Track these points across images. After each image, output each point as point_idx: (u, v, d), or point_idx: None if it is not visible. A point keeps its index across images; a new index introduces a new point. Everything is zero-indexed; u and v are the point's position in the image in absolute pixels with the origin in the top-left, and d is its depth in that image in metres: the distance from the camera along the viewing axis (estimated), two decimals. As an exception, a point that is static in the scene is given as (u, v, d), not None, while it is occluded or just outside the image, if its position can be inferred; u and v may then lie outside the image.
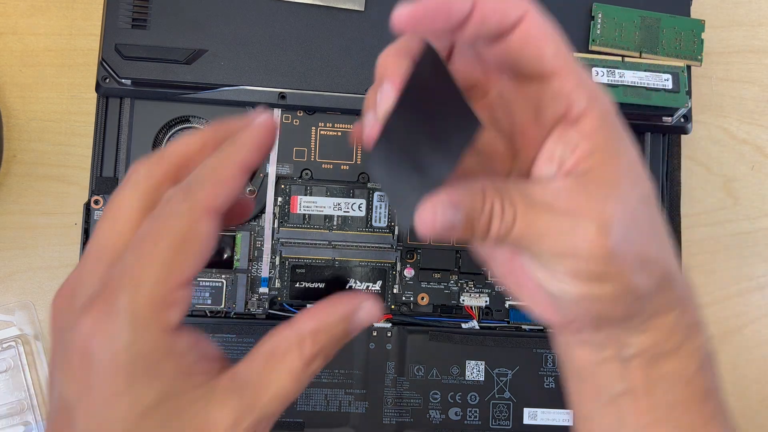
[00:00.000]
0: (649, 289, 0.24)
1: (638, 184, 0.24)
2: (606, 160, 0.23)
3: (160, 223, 0.21)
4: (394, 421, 0.40)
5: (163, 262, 0.21)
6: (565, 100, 0.23)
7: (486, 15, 0.23)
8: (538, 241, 0.23)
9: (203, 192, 0.22)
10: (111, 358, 0.20)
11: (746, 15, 0.48)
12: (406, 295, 0.42)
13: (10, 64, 0.43)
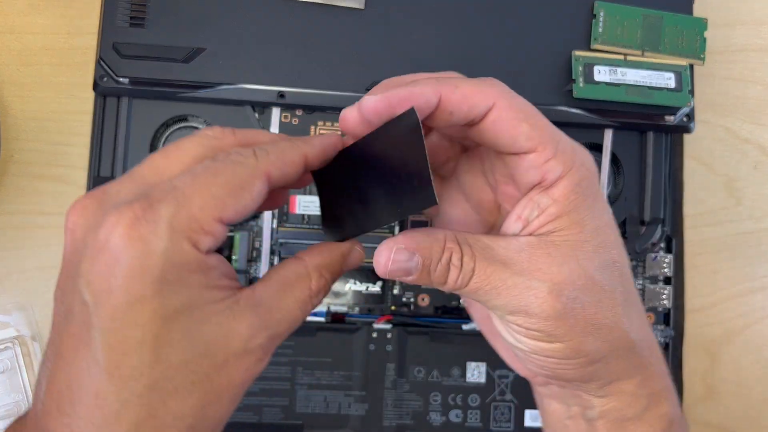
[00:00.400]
0: (601, 354, 0.25)
1: (602, 251, 0.25)
2: (570, 225, 0.24)
3: (224, 164, 0.23)
4: (394, 423, 0.40)
5: (215, 194, 0.22)
6: (540, 171, 0.24)
7: (453, 107, 0.24)
8: (494, 297, 0.24)
9: (268, 159, 0.24)
10: (143, 261, 0.20)
11: (749, 13, 0.47)
12: (406, 296, 0.41)
13: (7, 63, 0.42)
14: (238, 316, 0.23)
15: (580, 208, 0.24)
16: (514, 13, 0.41)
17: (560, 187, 0.24)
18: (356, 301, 0.41)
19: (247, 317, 0.23)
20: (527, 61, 0.41)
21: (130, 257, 0.20)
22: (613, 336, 0.25)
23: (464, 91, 0.24)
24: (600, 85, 0.40)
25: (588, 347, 0.25)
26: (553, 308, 0.24)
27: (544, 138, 0.24)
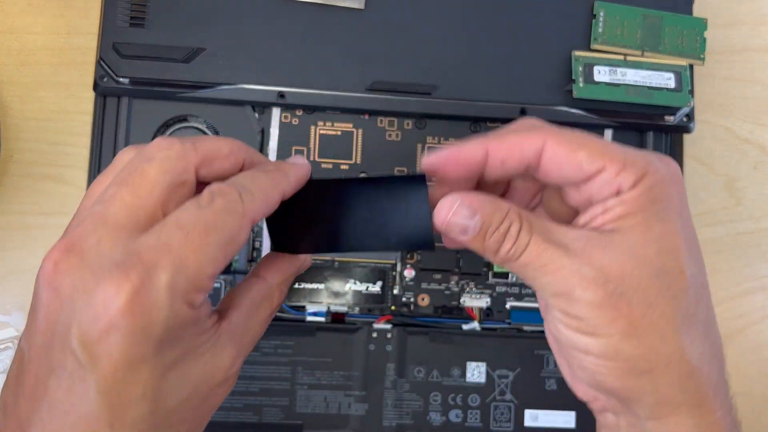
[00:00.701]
0: (646, 364, 0.24)
1: (665, 257, 0.24)
2: (634, 225, 0.24)
3: (213, 214, 0.23)
4: (394, 423, 0.40)
5: (209, 253, 0.22)
6: (614, 184, 0.24)
7: (504, 157, 0.25)
8: (542, 274, 0.24)
9: (254, 203, 0.24)
10: (144, 330, 0.21)
11: (749, 13, 0.47)
12: (406, 296, 0.41)
13: (6, 63, 0.42)
14: (220, 351, 0.24)
15: (648, 211, 0.24)
16: (514, 13, 0.41)
17: (632, 191, 0.24)
18: (356, 301, 0.41)
19: (228, 350, 0.24)
20: (527, 61, 0.41)
21: (132, 327, 0.21)
22: (663, 349, 0.24)
23: (510, 140, 0.25)
24: (600, 85, 0.40)
25: (629, 350, 0.24)
26: (595, 294, 0.23)
27: (608, 156, 0.24)
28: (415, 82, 0.40)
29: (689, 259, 0.24)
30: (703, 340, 0.25)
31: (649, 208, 0.24)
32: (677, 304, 0.24)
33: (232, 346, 0.25)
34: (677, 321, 0.24)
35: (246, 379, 0.40)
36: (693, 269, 0.25)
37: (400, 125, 0.42)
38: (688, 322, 0.24)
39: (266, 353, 0.40)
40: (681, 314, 0.24)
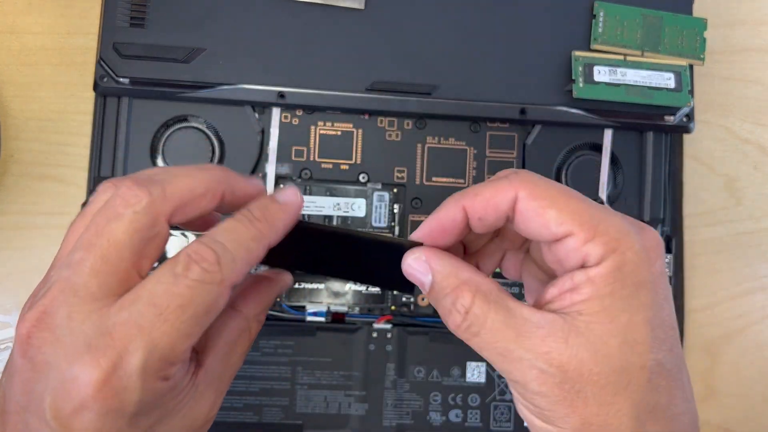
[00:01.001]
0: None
1: (628, 350, 0.23)
2: (599, 312, 0.23)
3: (191, 289, 0.22)
4: (394, 423, 0.40)
5: (184, 330, 0.22)
6: (579, 254, 0.23)
7: (480, 214, 0.24)
8: (499, 360, 0.24)
9: (235, 270, 0.23)
10: (116, 409, 0.21)
11: (749, 13, 0.47)
12: (406, 296, 0.41)
13: (7, 63, 0.43)
14: (199, 400, 0.24)
15: (615, 296, 0.22)
16: (514, 13, 0.41)
17: (599, 268, 0.23)
18: (356, 301, 0.41)
19: (207, 396, 0.24)
20: (527, 61, 0.41)
21: (104, 407, 0.21)
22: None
23: (484, 195, 0.24)
24: (600, 86, 0.40)
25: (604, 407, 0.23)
26: (551, 391, 0.23)
27: (577, 220, 0.23)
28: (415, 82, 0.40)
29: (655, 352, 0.23)
30: (664, 427, 0.23)
31: (615, 293, 0.22)
32: (637, 399, 0.23)
33: (210, 393, 0.25)
34: (634, 415, 0.23)
35: (246, 378, 0.40)
36: (658, 357, 0.23)
37: (400, 125, 0.42)
38: (646, 415, 0.23)
39: (266, 353, 0.40)
40: (640, 409, 0.23)
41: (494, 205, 0.24)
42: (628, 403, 0.23)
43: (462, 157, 0.42)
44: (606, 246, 0.22)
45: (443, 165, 0.41)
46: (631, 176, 0.42)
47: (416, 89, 0.40)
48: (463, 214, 0.25)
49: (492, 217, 0.24)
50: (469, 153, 0.42)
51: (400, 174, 0.41)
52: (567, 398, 0.22)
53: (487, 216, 0.24)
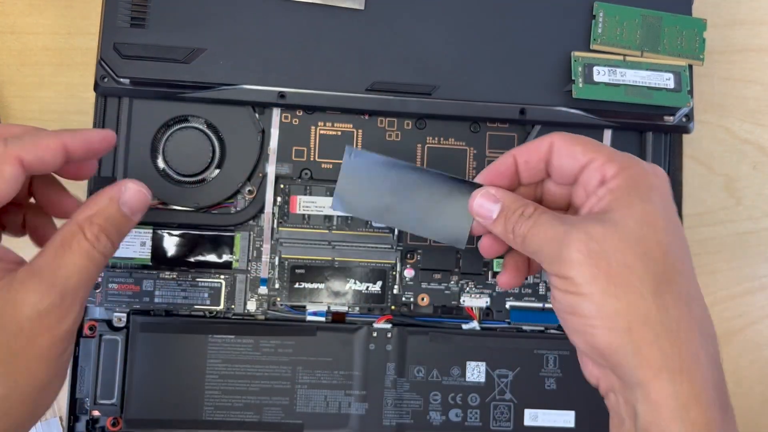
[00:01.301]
0: (625, 323, 0.27)
1: (645, 230, 0.28)
2: (619, 207, 0.28)
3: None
4: (394, 422, 0.40)
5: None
6: (600, 171, 0.29)
7: (526, 159, 0.32)
8: (545, 243, 0.29)
9: (20, 145, 0.27)
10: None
11: (748, 14, 0.48)
12: (406, 295, 0.42)
13: (8, 64, 0.43)
14: (18, 287, 0.25)
15: (631, 194, 0.28)
16: (513, 13, 0.41)
17: (616, 180, 0.29)
18: (356, 301, 0.41)
19: (29, 285, 0.25)
20: (527, 61, 0.41)
21: None
22: (640, 307, 0.26)
23: (529, 144, 0.32)
24: (599, 86, 0.40)
25: (609, 307, 0.27)
26: (579, 253, 0.27)
27: (598, 150, 0.30)
28: (415, 82, 0.40)
29: (668, 235, 0.28)
30: (682, 308, 0.27)
31: (632, 192, 0.28)
32: (654, 269, 0.27)
33: (35, 282, 0.25)
34: (653, 283, 0.27)
35: (246, 378, 0.40)
36: (672, 244, 0.28)
37: (400, 125, 0.42)
38: (665, 287, 0.27)
39: (266, 353, 0.40)
40: (657, 278, 0.27)
41: (536, 148, 0.32)
42: (647, 270, 0.27)
43: (462, 158, 0.42)
44: (620, 165, 0.29)
45: (443, 165, 0.41)
46: (631, 176, 0.42)
47: (416, 89, 0.40)
48: (513, 160, 0.32)
49: (535, 158, 0.32)
50: (469, 153, 0.42)
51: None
52: (592, 260, 0.27)
53: (532, 158, 0.32)
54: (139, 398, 0.39)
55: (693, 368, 0.26)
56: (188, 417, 0.39)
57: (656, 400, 0.26)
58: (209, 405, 0.39)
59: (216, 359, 0.40)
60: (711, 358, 0.27)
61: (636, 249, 0.27)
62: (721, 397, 0.27)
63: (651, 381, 0.26)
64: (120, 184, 0.29)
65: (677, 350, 0.26)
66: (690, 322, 0.27)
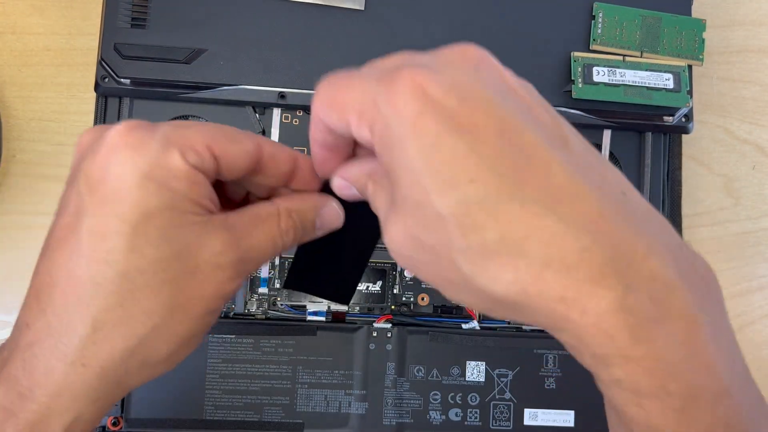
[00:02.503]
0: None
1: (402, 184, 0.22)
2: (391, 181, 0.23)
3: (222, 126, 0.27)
4: (394, 422, 0.40)
5: (208, 131, 0.25)
6: (362, 141, 0.24)
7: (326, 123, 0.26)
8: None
9: (263, 138, 0.27)
10: (135, 155, 0.23)
11: (747, 15, 0.48)
12: (406, 295, 0.42)
13: (9, 64, 0.43)
14: (211, 231, 0.24)
15: (385, 152, 0.23)
16: (513, 14, 0.41)
17: (373, 146, 0.23)
18: (356, 301, 0.41)
19: (220, 234, 0.24)
20: (526, 61, 0.41)
21: (125, 150, 0.23)
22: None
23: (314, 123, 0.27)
24: (599, 86, 0.40)
25: (449, 293, 0.24)
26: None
27: (345, 106, 0.24)
28: (414, 82, 0.40)
29: (444, 194, 0.21)
30: (511, 262, 0.21)
31: (382, 145, 0.23)
32: (439, 235, 0.22)
33: (225, 233, 0.25)
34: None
35: (247, 378, 0.40)
36: (451, 207, 0.21)
37: (400, 126, 0.42)
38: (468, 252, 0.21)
39: (267, 352, 0.40)
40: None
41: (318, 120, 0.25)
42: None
43: (462, 158, 0.42)
44: (366, 121, 0.23)
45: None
46: (630, 176, 0.42)
47: (416, 90, 0.40)
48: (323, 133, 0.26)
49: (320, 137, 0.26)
50: (469, 153, 0.42)
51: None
52: (401, 242, 0.24)
53: (318, 138, 0.26)
54: (140, 398, 0.39)
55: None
56: (189, 416, 0.39)
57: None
58: (210, 404, 0.40)
59: (216, 359, 0.40)
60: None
61: (426, 243, 0.23)
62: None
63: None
64: (327, 198, 0.28)
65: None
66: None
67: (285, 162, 0.27)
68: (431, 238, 0.22)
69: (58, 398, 0.24)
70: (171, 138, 0.24)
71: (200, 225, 0.24)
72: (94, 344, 0.24)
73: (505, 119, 0.22)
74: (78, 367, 0.24)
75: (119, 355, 0.24)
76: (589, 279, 0.20)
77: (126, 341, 0.24)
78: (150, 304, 0.24)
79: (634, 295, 0.20)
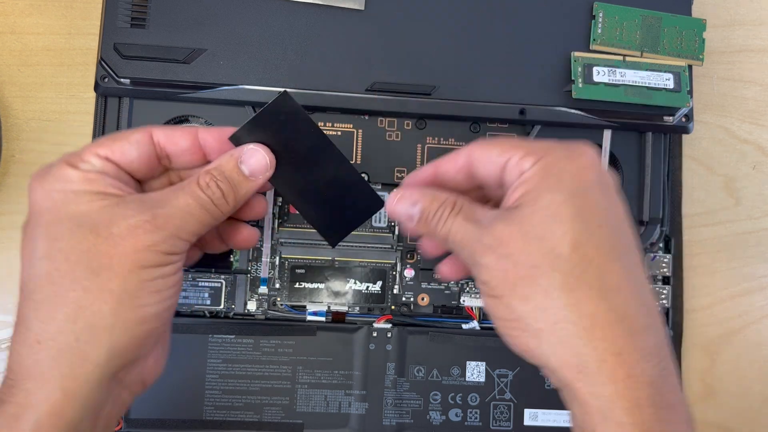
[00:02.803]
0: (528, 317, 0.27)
1: (549, 221, 0.27)
2: (528, 201, 0.27)
3: None
4: (394, 422, 0.40)
5: (96, 142, 0.30)
6: (518, 169, 0.28)
7: (445, 170, 0.32)
8: (461, 248, 0.29)
9: (154, 125, 0.31)
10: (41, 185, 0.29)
11: (747, 14, 0.48)
12: (406, 295, 0.42)
13: (8, 64, 0.43)
14: (122, 205, 0.28)
15: (541, 185, 0.27)
16: (513, 14, 0.41)
17: (530, 171, 0.28)
18: (356, 301, 0.41)
19: (131, 205, 0.28)
20: (526, 62, 0.41)
21: (34, 182, 0.29)
22: (548, 307, 0.26)
23: (448, 156, 0.32)
24: (599, 86, 0.40)
25: (520, 308, 0.27)
26: (488, 258, 0.28)
27: (516, 147, 0.29)
28: (414, 82, 0.40)
29: (577, 224, 0.26)
30: (597, 302, 0.26)
31: (541, 182, 0.27)
32: (562, 265, 0.26)
33: (137, 203, 0.28)
34: (561, 281, 0.26)
35: (246, 378, 0.40)
36: (582, 233, 0.26)
37: (400, 126, 0.42)
38: (573, 284, 0.26)
39: (267, 352, 0.40)
40: (565, 275, 0.26)
41: (453, 160, 0.31)
42: (553, 267, 0.26)
43: (462, 158, 0.42)
44: (535, 156, 0.28)
45: (443, 165, 0.41)
46: (631, 176, 0.42)
47: (416, 90, 0.40)
48: (434, 170, 0.32)
49: (452, 170, 0.31)
50: (469, 153, 0.42)
51: (400, 174, 0.42)
52: (500, 263, 0.27)
53: (448, 169, 0.31)
54: (140, 398, 0.39)
55: (615, 366, 0.25)
56: (189, 417, 0.39)
57: (582, 401, 0.26)
58: (210, 405, 0.39)
59: (216, 359, 0.40)
60: (644, 353, 0.26)
61: (541, 247, 0.26)
62: (658, 394, 0.25)
63: (573, 382, 0.26)
64: (245, 146, 0.31)
65: (592, 348, 0.25)
66: (608, 316, 0.26)
67: (181, 137, 0.31)
68: (544, 245, 0.27)
69: (31, 380, 0.27)
70: (62, 159, 0.29)
71: (110, 205, 0.28)
72: (39, 321, 0.27)
73: (626, 213, 0.29)
74: (35, 345, 0.27)
75: (62, 324, 0.27)
76: (642, 348, 0.26)
77: (63, 308, 0.27)
78: (75, 273, 0.27)
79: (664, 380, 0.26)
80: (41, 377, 0.26)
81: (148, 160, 0.30)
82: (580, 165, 0.28)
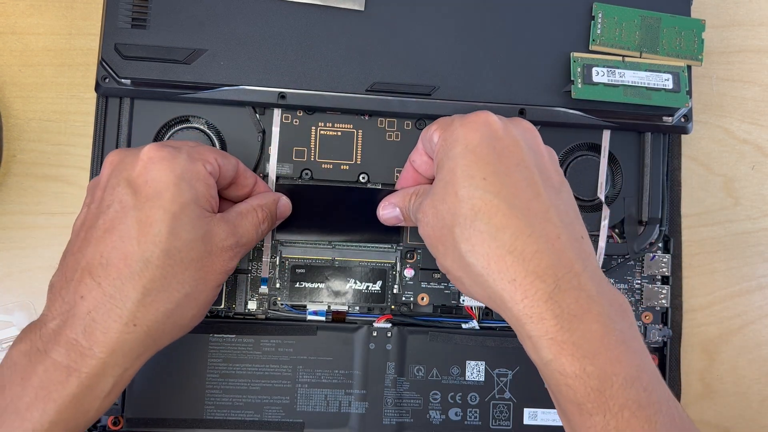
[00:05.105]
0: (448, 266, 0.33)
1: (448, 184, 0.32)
2: (438, 170, 0.33)
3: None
4: (394, 421, 0.40)
5: (212, 150, 0.35)
6: (434, 141, 0.34)
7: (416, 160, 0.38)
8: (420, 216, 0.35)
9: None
10: (170, 164, 0.31)
11: (747, 15, 0.48)
12: (406, 295, 0.42)
13: (9, 64, 0.43)
14: (216, 223, 0.33)
15: (441, 155, 0.33)
16: (513, 14, 0.41)
17: (437, 144, 0.34)
18: (356, 300, 0.41)
19: (222, 225, 0.33)
20: (526, 62, 0.41)
21: (161, 161, 0.31)
22: (451, 267, 0.32)
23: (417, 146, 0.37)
24: (598, 86, 0.40)
25: (444, 264, 0.33)
26: (420, 227, 0.34)
27: (434, 123, 0.35)
28: (414, 82, 0.40)
29: (464, 182, 0.31)
30: (488, 244, 0.30)
31: (441, 153, 0.33)
32: (457, 223, 0.31)
33: (225, 224, 0.33)
34: (458, 235, 0.31)
35: (247, 377, 0.40)
36: (467, 191, 0.31)
37: (400, 126, 0.42)
38: (468, 234, 0.31)
39: (267, 352, 0.40)
40: (460, 229, 0.31)
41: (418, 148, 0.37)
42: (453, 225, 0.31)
43: (461, 158, 0.42)
44: (440, 129, 0.34)
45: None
46: (630, 176, 0.43)
47: (416, 90, 0.40)
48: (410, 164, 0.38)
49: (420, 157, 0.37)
50: (469, 153, 0.42)
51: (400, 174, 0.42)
52: (426, 231, 0.34)
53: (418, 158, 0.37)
54: (141, 397, 0.39)
55: (512, 290, 0.30)
56: (189, 416, 0.39)
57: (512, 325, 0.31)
58: (210, 404, 0.40)
59: (217, 358, 0.40)
60: (537, 275, 0.30)
61: (444, 210, 0.31)
62: (558, 306, 0.29)
63: (500, 313, 0.32)
64: (278, 194, 0.38)
65: (493, 281, 0.30)
66: (498, 251, 0.30)
67: (252, 177, 0.37)
68: (446, 208, 0.31)
69: (113, 354, 0.30)
70: (193, 153, 0.33)
71: (210, 218, 0.33)
72: (144, 307, 0.30)
73: (524, 158, 0.32)
74: (130, 326, 0.30)
75: (161, 317, 0.31)
76: (534, 271, 0.29)
77: (167, 305, 0.31)
78: (184, 276, 0.31)
79: (563, 293, 0.29)
80: (123, 356, 0.30)
81: (229, 183, 0.36)
82: (469, 128, 0.32)
